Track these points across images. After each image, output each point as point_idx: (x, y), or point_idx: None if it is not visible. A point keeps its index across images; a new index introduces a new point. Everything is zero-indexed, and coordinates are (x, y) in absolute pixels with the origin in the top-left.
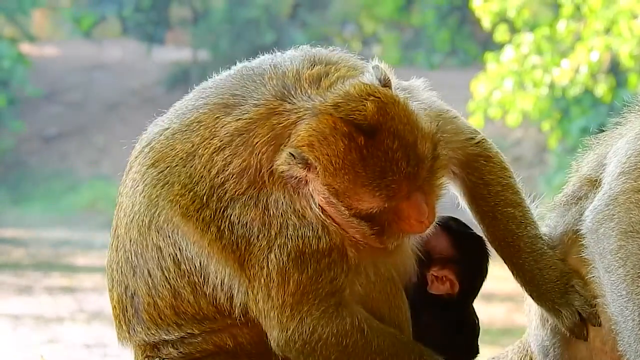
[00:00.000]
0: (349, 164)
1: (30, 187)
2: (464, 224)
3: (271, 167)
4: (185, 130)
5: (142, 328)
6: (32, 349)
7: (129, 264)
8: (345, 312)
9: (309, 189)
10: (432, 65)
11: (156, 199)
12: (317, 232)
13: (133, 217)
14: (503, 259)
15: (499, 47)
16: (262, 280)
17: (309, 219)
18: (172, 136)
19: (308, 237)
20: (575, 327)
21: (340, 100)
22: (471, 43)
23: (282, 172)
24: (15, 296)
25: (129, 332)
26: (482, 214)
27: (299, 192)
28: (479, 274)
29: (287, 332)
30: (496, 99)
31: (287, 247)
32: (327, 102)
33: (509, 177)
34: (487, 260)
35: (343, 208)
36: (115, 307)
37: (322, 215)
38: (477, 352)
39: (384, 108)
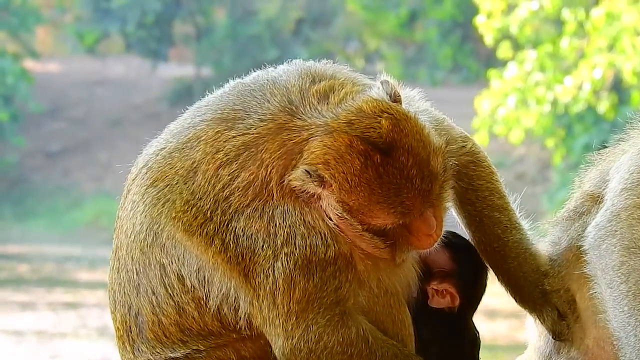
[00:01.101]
0: (365, 182)
1: (33, 203)
2: (462, 237)
3: (282, 181)
4: (183, 148)
5: (147, 348)
6: None
7: (132, 284)
8: (351, 322)
9: (321, 204)
10: (434, 82)
11: (158, 217)
12: (326, 241)
13: (135, 237)
14: (488, 264)
15: (502, 64)
16: (268, 289)
17: (318, 229)
18: (169, 155)
19: (317, 246)
20: (555, 325)
21: (354, 118)
22: (473, 60)
23: (294, 187)
24: (19, 312)
25: (133, 353)
26: (470, 219)
27: (310, 206)
28: (478, 286)
29: (292, 340)
30: (501, 116)
31: (295, 255)
32: (340, 120)
33: (496, 181)
34: (486, 273)
35: (356, 223)
36: (118, 328)
37: (333, 228)
38: None
39: (398, 125)
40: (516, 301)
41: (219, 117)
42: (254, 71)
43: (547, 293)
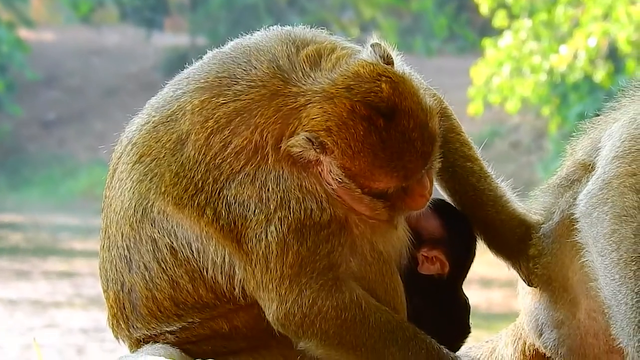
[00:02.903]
0: (368, 147)
1: (28, 172)
2: (452, 205)
3: (279, 146)
4: (168, 121)
5: (142, 324)
6: (29, 334)
7: (124, 261)
8: (344, 287)
9: (319, 169)
10: (430, 52)
11: (147, 193)
12: (321, 205)
13: (124, 214)
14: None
15: (497, 33)
16: (261, 253)
17: (314, 193)
18: (154, 129)
19: (311, 210)
20: (531, 274)
21: (352, 83)
22: (469, 29)
23: (293, 153)
24: (13, 281)
25: (128, 330)
26: (442, 171)
27: (307, 171)
28: (468, 254)
29: (286, 304)
30: (496, 84)
31: (289, 219)
32: (338, 85)
33: (464, 132)
34: (476, 241)
35: (355, 187)
36: (112, 306)
37: (331, 192)
38: (469, 331)
39: (397, 88)
40: (491, 250)
41: (203, 86)
42: None
43: (523, 241)
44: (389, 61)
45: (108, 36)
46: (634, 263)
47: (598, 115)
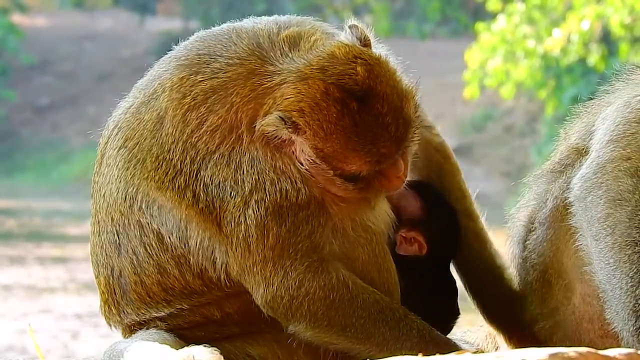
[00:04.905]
0: (341, 129)
1: (21, 158)
2: (434, 187)
3: (253, 126)
4: (149, 101)
5: (132, 309)
6: (23, 319)
7: (113, 245)
8: (330, 267)
9: (293, 149)
10: (423, 35)
11: (131, 179)
12: (296, 185)
13: (113, 201)
14: (458, 270)
15: (491, 16)
16: (241, 236)
17: (288, 174)
18: (137, 110)
19: (287, 191)
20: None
21: (327, 64)
22: (462, 12)
23: (267, 132)
24: (7, 266)
25: (119, 316)
26: None
27: (281, 151)
28: (447, 237)
29: (272, 287)
30: (491, 68)
31: (265, 201)
32: (313, 65)
33: (463, 181)
34: (458, 227)
35: (328, 168)
36: (103, 292)
37: (304, 172)
38: (458, 314)
39: (372, 71)
40: (481, 315)
41: (183, 63)
42: None
43: (515, 310)
44: (366, 43)
45: (101, 21)
46: (628, 247)
47: (592, 99)
